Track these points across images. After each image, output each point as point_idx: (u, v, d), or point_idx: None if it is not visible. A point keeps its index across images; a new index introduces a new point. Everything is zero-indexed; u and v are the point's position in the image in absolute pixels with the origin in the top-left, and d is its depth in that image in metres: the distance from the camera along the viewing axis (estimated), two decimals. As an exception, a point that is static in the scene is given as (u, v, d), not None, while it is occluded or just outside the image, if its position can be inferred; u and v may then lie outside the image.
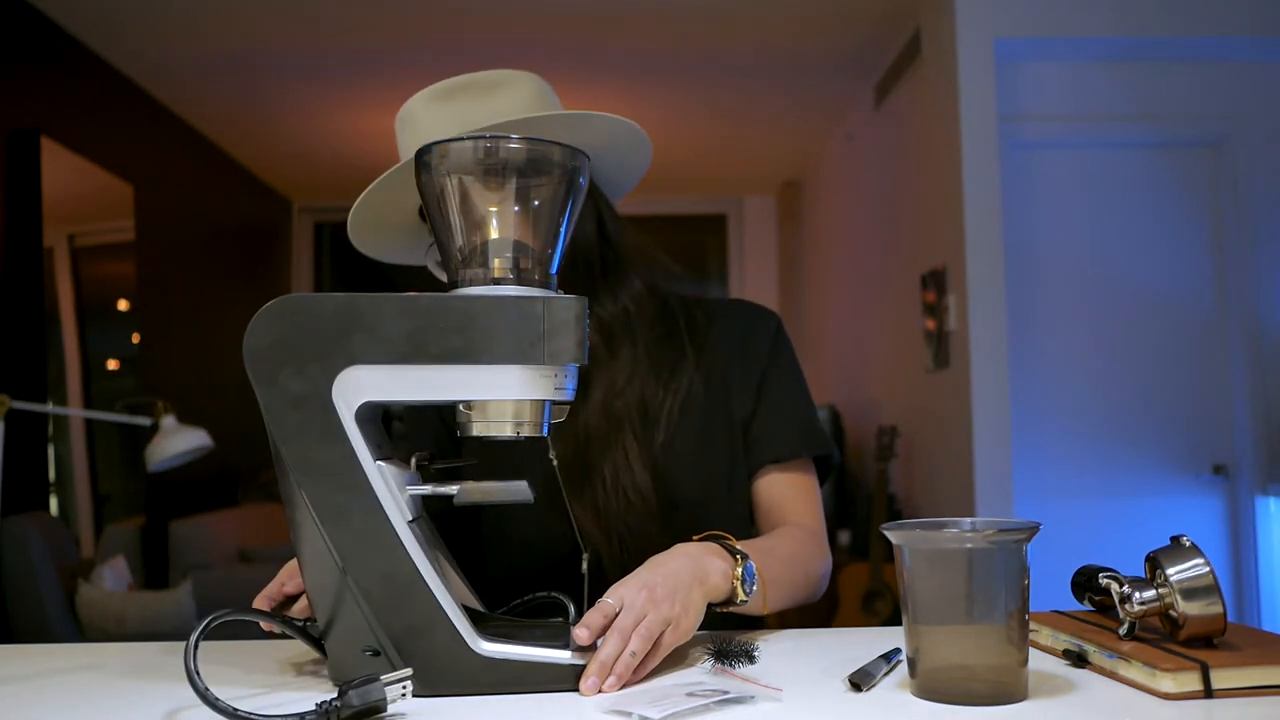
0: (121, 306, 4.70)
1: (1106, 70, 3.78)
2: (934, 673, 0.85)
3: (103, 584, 3.50)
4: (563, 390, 0.91)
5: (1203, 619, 0.88)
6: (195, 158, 5.53)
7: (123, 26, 4.14)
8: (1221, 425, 3.77)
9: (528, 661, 0.89)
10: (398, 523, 0.88)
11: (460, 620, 0.89)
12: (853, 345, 5.39)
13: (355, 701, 0.80)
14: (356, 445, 0.88)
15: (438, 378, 0.88)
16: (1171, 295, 3.79)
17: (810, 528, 1.24)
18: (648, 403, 1.23)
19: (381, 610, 0.88)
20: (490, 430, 0.90)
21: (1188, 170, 3.83)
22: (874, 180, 4.91)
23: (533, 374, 0.88)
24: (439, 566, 0.92)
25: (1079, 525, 3.54)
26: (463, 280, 0.92)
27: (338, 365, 0.87)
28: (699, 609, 0.98)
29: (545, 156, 0.93)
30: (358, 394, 0.88)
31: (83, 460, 4.21)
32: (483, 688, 0.88)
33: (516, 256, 0.92)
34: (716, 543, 1.05)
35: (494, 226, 0.93)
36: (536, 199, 0.94)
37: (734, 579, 1.02)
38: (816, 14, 4.06)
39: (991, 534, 0.84)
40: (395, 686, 0.82)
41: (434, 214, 0.94)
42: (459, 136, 0.97)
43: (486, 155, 0.93)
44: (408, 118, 1.24)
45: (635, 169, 1.30)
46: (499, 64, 1.31)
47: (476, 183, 0.93)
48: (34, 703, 0.92)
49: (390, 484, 0.89)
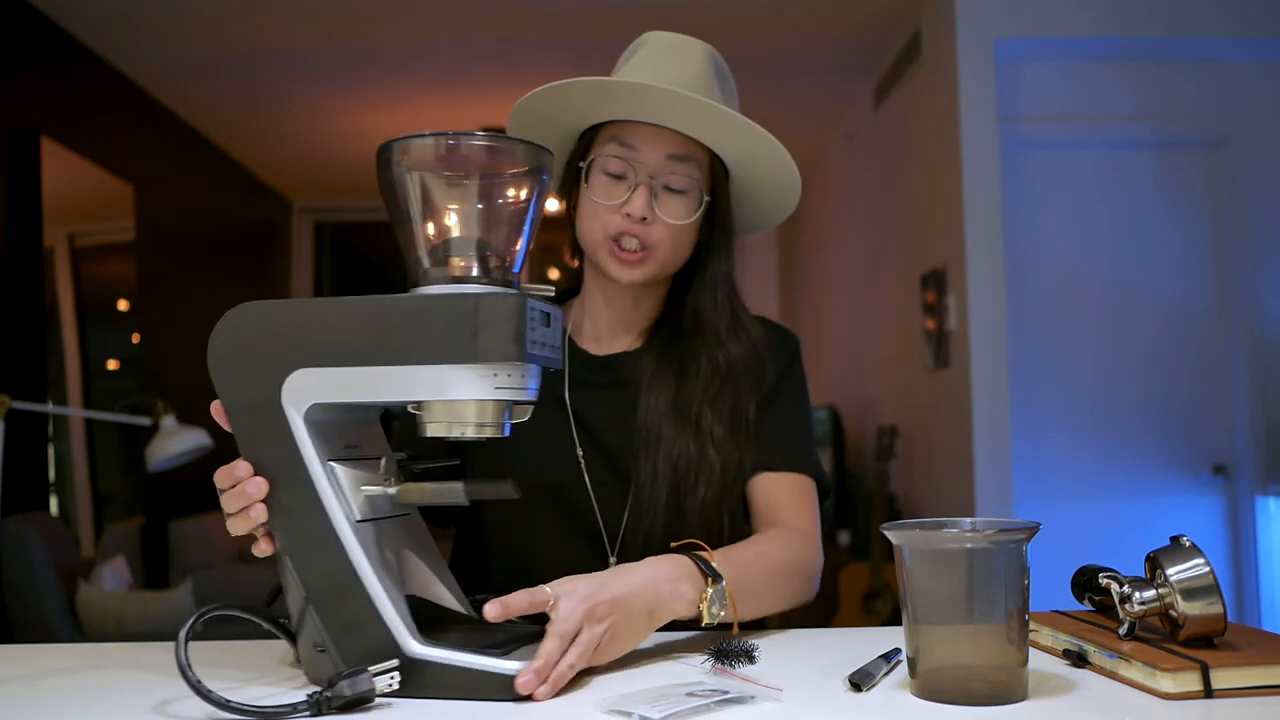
0: (121, 306, 4.70)
1: (1106, 70, 3.78)
2: (934, 673, 0.85)
3: (103, 584, 3.49)
4: (510, 390, 0.88)
5: (1203, 619, 0.88)
6: (195, 158, 5.53)
7: (123, 26, 4.14)
8: (1221, 425, 3.77)
9: (458, 666, 0.87)
10: (339, 522, 0.89)
11: (396, 620, 0.88)
12: (853, 345, 5.39)
13: (346, 691, 0.83)
14: (303, 446, 0.89)
15: (379, 379, 0.88)
16: (1171, 295, 3.79)
17: (803, 529, 1.24)
18: (690, 412, 1.24)
19: (322, 607, 0.90)
20: (451, 431, 0.89)
21: (1188, 170, 3.83)
22: (874, 180, 4.91)
23: (468, 373, 0.86)
24: (389, 566, 0.91)
25: (1079, 525, 3.54)
26: (422, 279, 0.91)
27: (286, 369, 0.89)
28: (632, 641, 0.97)
29: (509, 154, 0.91)
30: (306, 396, 0.89)
31: (83, 460, 4.21)
32: (412, 690, 0.87)
33: (479, 255, 0.90)
34: (694, 558, 1.04)
35: (454, 224, 0.91)
36: (498, 196, 0.92)
37: (701, 603, 1.01)
38: (816, 14, 4.06)
39: (991, 534, 0.84)
40: (384, 677, 0.84)
41: (392, 211, 0.92)
42: (483, 132, 0.96)
43: (449, 153, 0.91)
44: (675, 49, 1.26)
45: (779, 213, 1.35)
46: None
47: (437, 180, 0.91)
48: (34, 703, 0.92)
49: (339, 484, 0.90)
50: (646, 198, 1.21)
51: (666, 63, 1.24)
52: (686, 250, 1.27)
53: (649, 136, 1.22)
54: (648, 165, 1.22)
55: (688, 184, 1.23)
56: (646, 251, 1.23)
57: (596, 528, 1.24)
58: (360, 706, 0.84)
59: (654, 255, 1.23)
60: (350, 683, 0.83)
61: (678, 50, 1.26)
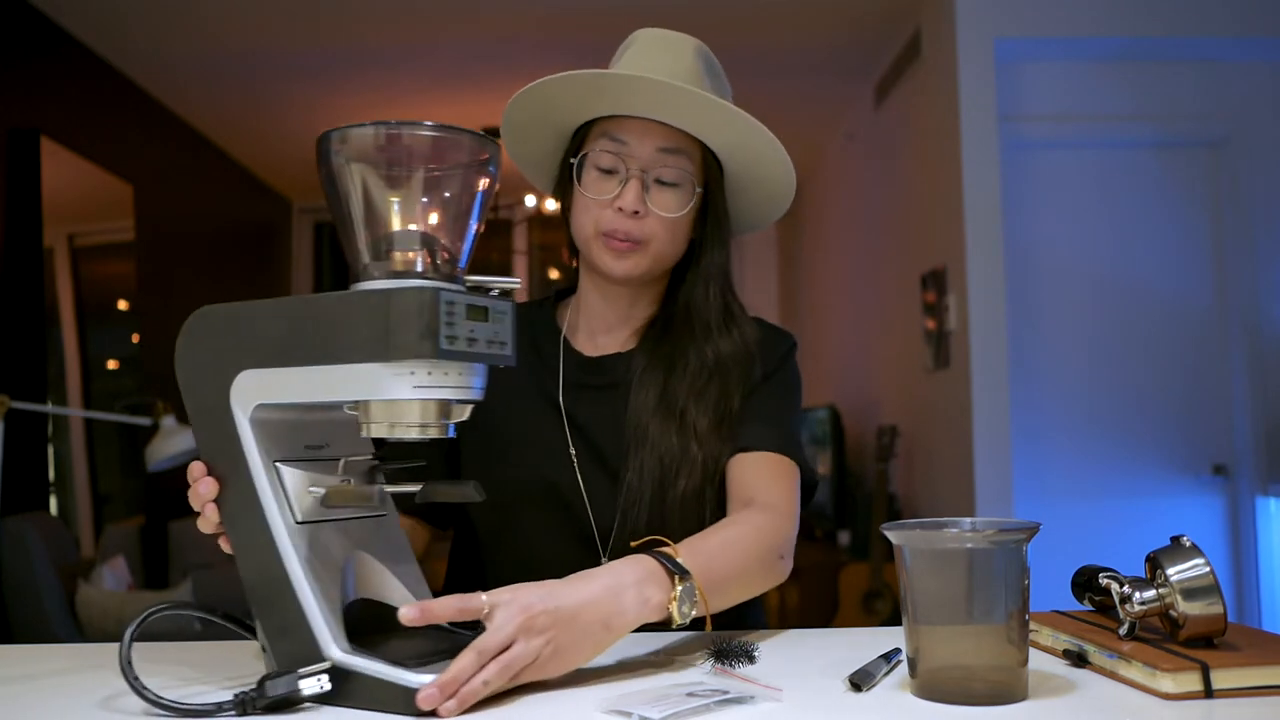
0: (121, 306, 4.70)
1: (1107, 70, 3.78)
2: (934, 673, 0.84)
3: (103, 584, 3.50)
4: (434, 389, 0.85)
5: (1203, 619, 0.88)
6: (195, 158, 5.53)
7: (123, 26, 4.14)
8: (1221, 425, 3.77)
9: (369, 676, 0.85)
10: (276, 523, 0.88)
11: (320, 624, 0.86)
12: (853, 345, 5.39)
13: (269, 692, 0.83)
14: (246, 447, 0.89)
15: (309, 379, 0.87)
16: (1171, 295, 3.79)
17: (777, 506, 1.18)
18: (676, 406, 1.24)
19: (259, 607, 0.90)
20: (395, 433, 0.87)
21: (1188, 170, 3.83)
22: (874, 180, 4.91)
23: (384, 372, 0.84)
24: (330, 568, 0.90)
25: (1079, 525, 3.54)
26: (362, 275, 0.88)
27: (233, 371, 0.90)
28: (580, 656, 0.91)
29: (453, 145, 0.89)
30: (251, 397, 0.90)
31: (82, 460, 4.21)
32: (334, 697, 0.85)
33: (423, 249, 0.87)
34: (658, 555, 0.99)
35: (395, 217, 0.88)
36: (440, 188, 0.89)
37: (669, 605, 0.96)
38: (816, 14, 4.06)
39: (991, 534, 0.84)
40: (310, 680, 0.83)
41: (332, 204, 0.89)
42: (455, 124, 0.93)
43: (389, 143, 0.88)
44: (665, 45, 1.26)
45: (773, 212, 1.35)
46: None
47: (377, 172, 0.88)
48: (34, 703, 0.92)
49: (282, 485, 0.89)
50: (638, 191, 1.21)
51: (655, 58, 1.23)
52: (681, 244, 1.26)
53: (639, 130, 1.22)
54: (638, 159, 1.22)
55: (679, 176, 1.23)
56: (640, 244, 1.22)
57: (589, 528, 1.24)
58: (287, 709, 0.84)
59: (647, 248, 1.23)
60: (275, 685, 0.83)
61: (667, 46, 1.26)
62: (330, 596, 0.88)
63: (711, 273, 1.28)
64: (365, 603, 0.94)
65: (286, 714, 0.84)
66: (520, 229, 6.65)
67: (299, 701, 0.84)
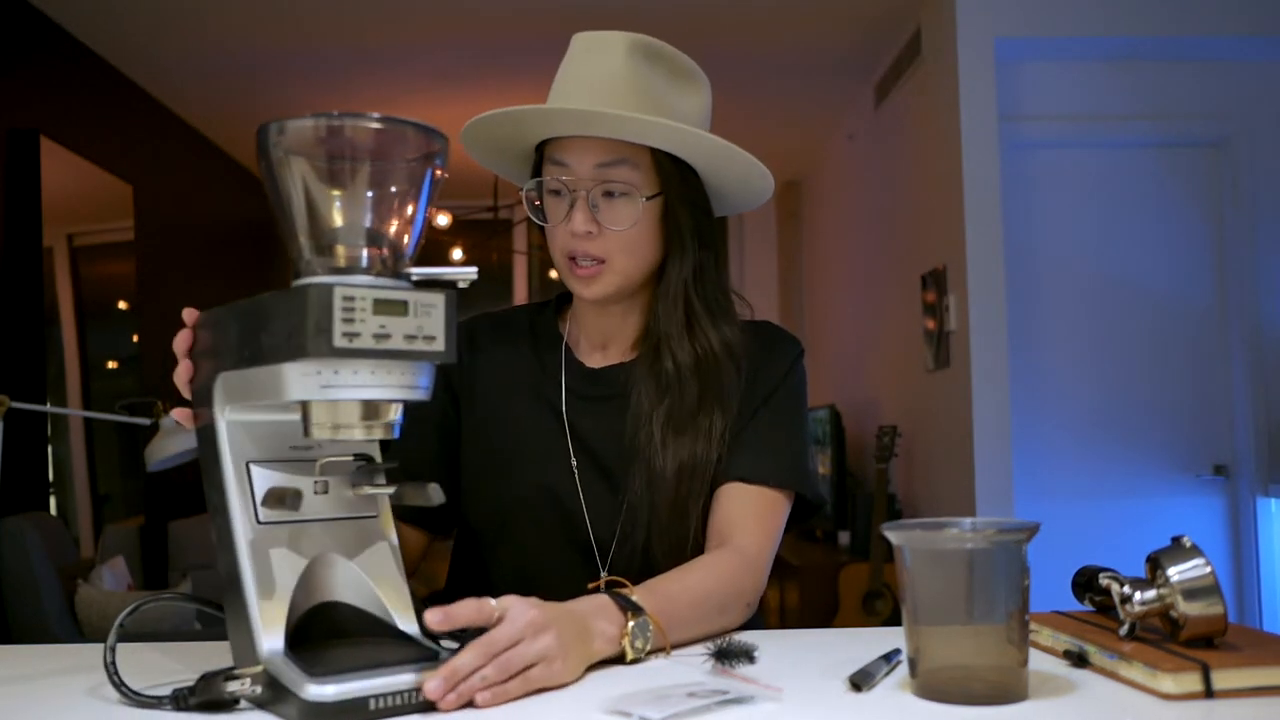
0: (121, 306, 4.70)
1: (1107, 70, 3.78)
2: (934, 673, 0.84)
3: (102, 584, 3.49)
4: (350, 388, 0.82)
5: (1203, 619, 0.88)
6: (195, 158, 5.53)
7: (123, 26, 4.14)
8: (1221, 425, 3.77)
9: (279, 681, 0.83)
10: (239, 522, 0.89)
11: (258, 625, 0.86)
12: (853, 345, 5.39)
13: (199, 692, 0.84)
14: (220, 446, 0.90)
15: (249, 381, 0.87)
16: (1172, 295, 3.79)
17: (748, 553, 1.17)
18: (658, 422, 1.22)
19: (225, 603, 0.92)
20: (339, 435, 0.85)
21: (1189, 170, 3.83)
22: (874, 180, 4.91)
23: (293, 371, 0.81)
24: (291, 569, 0.89)
25: (1079, 525, 3.54)
26: (304, 271, 0.85)
27: (214, 372, 0.91)
28: (575, 667, 0.92)
29: (394, 137, 0.85)
30: (225, 398, 0.91)
31: (82, 460, 4.21)
32: (263, 701, 0.84)
33: (367, 244, 0.85)
34: (612, 594, 1.00)
35: (335, 212, 0.85)
36: (381, 182, 0.86)
37: (622, 639, 0.97)
38: (816, 14, 4.05)
39: (991, 534, 0.83)
40: (236, 683, 0.84)
41: (273, 198, 0.86)
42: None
43: (329, 135, 0.85)
44: (594, 49, 1.24)
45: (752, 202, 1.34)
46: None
47: (317, 165, 0.85)
48: (34, 703, 0.92)
49: (249, 485, 0.90)
50: (586, 212, 1.18)
51: (585, 67, 1.22)
52: (648, 254, 1.23)
53: (578, 149, 1.19)
54: (580, 179, 1.19)
55: (624, 188, 1.19)
56: (602, 265, 1.20)
57: (588, 538, 1.24)
58: (221, 709, 0.84)
59: (611, 266, 1.20)
60: (207, 684, 0.84)
61: (598, 48, 1.23)
62: (281, 599, 0.88)
63: (670, 287, 1.23)
64: (328, 606, 0.93)
65: (221, 715, 0.84)
66: (520, 229, 6.64)
67: (227, 704, 0.84)
